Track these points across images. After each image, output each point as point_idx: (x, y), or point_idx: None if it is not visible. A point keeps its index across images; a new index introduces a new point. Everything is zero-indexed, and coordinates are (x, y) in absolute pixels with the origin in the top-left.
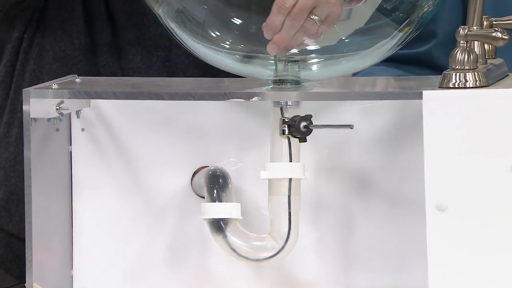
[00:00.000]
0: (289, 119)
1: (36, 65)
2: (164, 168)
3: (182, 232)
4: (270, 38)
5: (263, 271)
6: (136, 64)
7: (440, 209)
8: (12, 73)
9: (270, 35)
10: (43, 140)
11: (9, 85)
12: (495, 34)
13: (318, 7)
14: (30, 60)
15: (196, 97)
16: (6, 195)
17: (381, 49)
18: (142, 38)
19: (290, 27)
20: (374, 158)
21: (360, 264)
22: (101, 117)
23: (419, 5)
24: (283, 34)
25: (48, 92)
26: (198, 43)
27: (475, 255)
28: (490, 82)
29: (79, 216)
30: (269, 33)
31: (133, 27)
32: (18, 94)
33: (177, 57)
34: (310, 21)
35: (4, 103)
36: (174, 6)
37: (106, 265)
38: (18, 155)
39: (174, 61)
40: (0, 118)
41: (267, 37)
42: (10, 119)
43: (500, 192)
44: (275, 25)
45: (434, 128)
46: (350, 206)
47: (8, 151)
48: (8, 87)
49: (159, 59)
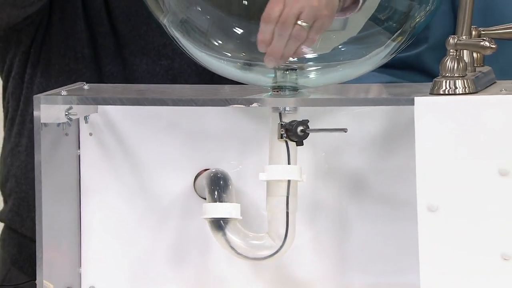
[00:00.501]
0: (287, 123)
1: (43, 78)
2: (168, 171)
3: (185, 232)
4: (264, 51)
5: (261, 269)
6: (141, 74)
7: (431, 210)
8: (22, 85)
9: (264, 48)
10: (52, 144)
11: (19, 96)
12: (483, 43)
13: (303, 13)
14: (37, 73)
15: (198, 103)
16: (18, 202)
17: (375, 58)
18: (146, 48)
19: (280, 37)
20: (368, 161)
21: (355, 263)
22: (108, 122)
23: (411, 16)
24: (275, 45)
25: (58, 98)
26: (201, 51)
27: (464, 254)
28: (479, 89)
29: (87, 217)
30: (262, 46)
31: (137, 38)
32: (28, 105)
33: (180, 66)
34: (298, 27)
35: (15, 113)
36: (178, 16)
37: (112, 263)
38: (29, 164)
39: (177, 69)
40: (11, 128)
41: (261, 51)
42: (20, 129)
43: (489, 194)
44: (266, 37)
45: (425, 132)
46: (345, 207)
47: (19, 160)
48: (18, 99)
49: (163, 68)
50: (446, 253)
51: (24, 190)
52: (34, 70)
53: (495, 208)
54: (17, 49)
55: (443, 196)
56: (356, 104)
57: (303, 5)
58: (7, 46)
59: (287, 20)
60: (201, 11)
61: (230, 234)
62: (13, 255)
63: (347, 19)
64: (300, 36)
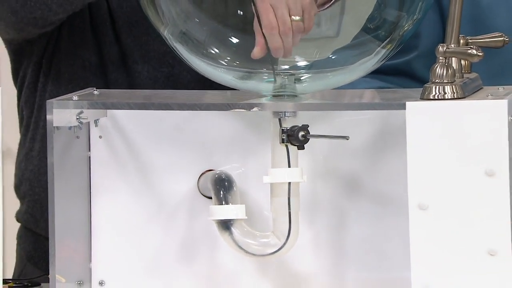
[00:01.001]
0: (288, 129)
1: (54, 86)
2: (173, 172)
3: (190, 229)
4: (280, 56)
5: (266, 265)
6: (143, 80)
7: (422, 208)
8: (35, 93)
9: (280, 53)
10: (64, 146)
11: (32, 104)
12: (470, 51)
13: (291, 9)
14: (49, 82)
15: (202, 108)
16: (32, 204)
17: (367, 64)
18: (147, 57)
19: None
20: (363, 162)
21: (351, 258)
22: (117, 125)
23: (400, 25)
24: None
25: (69, 103)
26: (200, 61)
27: (453, 250)
28: (466, 94)
29: (97, 215)
30: (278, 52)
31: (139, 47)
32: (40, 112)
33: (180, 73)
34: (295, 23)
35: (29, 120)
36: (178, 28)
37: (121, 259)
38: (41, 167)
39: (177, 76)
40: (26, 134)
41: (277, 57)
42: (34, 134)
43: (476, 193)
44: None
45: (416, 135)
46: (342, 206)
47: (33, 164)
48: (32, 106)
49: (164, 74)
50: (436, 249)
51: (37, 193)
52: (46, 79)
53: (482, 206)
54: (29, 60)
55: (433, 195)
56: (351, 109)
57: (287, 2)
58: (20, 58)
59: (285, 21)
60: (199, 23)
61: (237, 234)
62: (28, 251)
63: (340, 28)
64: (300, 28)
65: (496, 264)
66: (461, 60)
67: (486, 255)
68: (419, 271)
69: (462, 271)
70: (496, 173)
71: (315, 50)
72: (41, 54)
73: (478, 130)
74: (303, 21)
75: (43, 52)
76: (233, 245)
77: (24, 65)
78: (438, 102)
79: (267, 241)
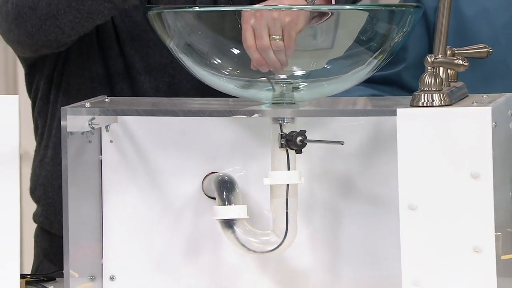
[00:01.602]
0: (287, 134)
1: (65, 97)
2: (180, 174)
3: (196, 228)
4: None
5: (266, 262)
6: (146, 90)
7: (412, 209)
8: (48, 104)
9: (265, 68)
10: (77, 151)
11: (46, 114)
12: (457, 61)
13: (271, 28)
14: (60, 93)
15: (206, 114)
16: (46, 207)
17: (359, 73)
18: (149, 68)
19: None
20: (357, 165)
21: (346, 255)
22: (127, 131)
23: (390, 37)
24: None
25: (82, 110)
26: (204, 71)
27: (441, 247)
28: (453, 101)
29: (108, 215)
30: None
31: (141, 59)
32: (53, 121)
33: (180, 82)
34: (273, 42)
35: (43, 129)
36: (183, 40)
37: (131, 255)
38: (54, 173)
39: (177, 85)
40: (40, 142)
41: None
42: (48, 142)
43: (462, 194)
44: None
45: (406, 140)
46: (337, 206)
47: (46, 170)
48: (46, 116)
49: (165, 84)
50: (425, 246)
51: (51, 197)
52: (57, 91)
53: (467, 206)
54: (41, 74)
55: (422, 196)
56: (346, 115)
57: (266, 22)
58: (34, 72)
59: (262, 40)
60: (203, 35)
61: (239, 232)
62: (44, 249)
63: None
64: (279, 47)
65: (481, 261)
66: (448, 69)
67: (472, 252)
68: (409, 267)
69: (449, 267)
70: (481, 175)
71: (311, 61)
72: (53, 68)
73: (464, 135)
74: (283, 40)
75: (54, 66)
76: (235, 242)
77: (36, 78)
78: (427, 109)
79: (267, 239)
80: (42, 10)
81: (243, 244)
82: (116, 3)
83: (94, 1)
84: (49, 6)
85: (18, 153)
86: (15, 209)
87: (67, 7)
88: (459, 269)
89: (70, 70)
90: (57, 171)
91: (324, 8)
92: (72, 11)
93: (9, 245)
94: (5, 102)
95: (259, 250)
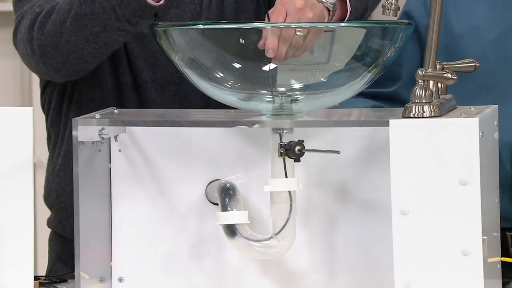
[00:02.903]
0: (286, 143)
1: (77, 107)
2: (184, 181)
3: (199, 232)
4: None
5: (267, 264)
6: (152, 97)
7: (403, 214)
8: (60, 114)
9: (271, 54)
10: (88, 159)
11: (58, 124)
12: (446, 75)
13: None
14: (72, 103)
15: (209, 125)
16: (59, 212)
17: (354, 86)
18: (155, 77)
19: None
20: (352, 173)
21: (342, 257)
22: (135, 140)
23: (383, 52)
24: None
25: (92, 120)
26: (207, 84)
27: (431, 251)
28: (443, 113)
29: (117, 220)
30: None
31: (147, 68)
32: (65, 130)
33: (185, 91)
34: (296, 37)
35: (56, 139)
36: (187, 55)
37: (138, 258)
38: (66, 179)
39: (183, 94)
40: (53, 151)
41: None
42: (60, 151)
43: (451, 200)
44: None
45: (399, 149)
46: (334, 211)
47: (59, 177)
48: (59, 126)
49: (171, 92)
50: (416, 249)
51: (63, 202)
52: (70, 101)
53: (456, 211)
54: (54, 86)
55: (413, 202)
56: (341, 126)
57: (300, 16)
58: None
59: (289, 31)
60: (206, 51)
61: (242, 237)
62: (57, 252)
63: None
64: (298, 43)
65: (469, 263)
66: (438, 83)
67: (460, 255)
68: (401, 269)
69: (439, 269)
70: (469, 182)
71: (309, 75)
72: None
73: (453, 145)
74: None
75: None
76: (238, 246)
77: (48, 89)
78: (418, 120)
79: (267, 243)
80: (63, 48)
81: (245, 247)
82: (129, 30)
83: (108, 33)
84: (68, 43)
85: (32, 162)
86: (29, 215)
87: (84, 41)
88: (448, 271)
89: (82, 82)
90: (69, 177)
91: (321, 25)
92: (90, 44)
93: (24, 248)
94: (20, 114)
95: (260, 253)
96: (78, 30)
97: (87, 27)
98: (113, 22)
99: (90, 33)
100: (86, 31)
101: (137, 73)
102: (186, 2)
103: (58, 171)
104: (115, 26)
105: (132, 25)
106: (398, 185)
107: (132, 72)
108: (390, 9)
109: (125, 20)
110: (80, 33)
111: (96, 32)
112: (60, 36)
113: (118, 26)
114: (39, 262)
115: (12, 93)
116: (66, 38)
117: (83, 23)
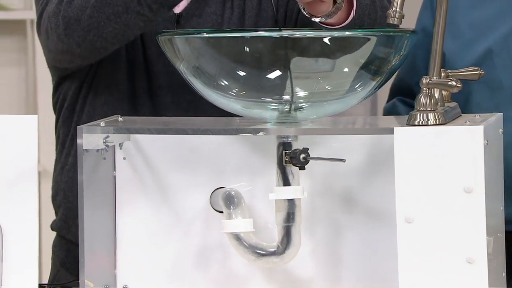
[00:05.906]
0: (291, 151)
1: (91, 107)
2: (189, 189)
3: (204, 240)
4: None
5: (272, 271)
6: (167, 104)
7: (408, 221)
8: (73, 114)
9: None
10: (93, 167)
11: (70, 123)
12: (450, 82)
13: None
14: (87, 104)
15: (214, 132)
16: (66, 211)
17: (359, 94)
18: (172, 83)
19: None
20: (357, 181)
21: (346, 265)
22: (139, 148)
23: (388, 60)
24: None
25: (97, 128)
26: (212, 92)
27: (436, 258)
28: (447, 120)
29: (121, 227)
30: None
31: (164, 74)
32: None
33: (201, 98)
34: None
35: (66, 138)
36: (192, 63)
37: (143, 266)
38: (74, 179)
39: (198, 102)
40: (62, 150)
41: None
42: (69, 150)
43: (456, 208)
44: None
45: (403, 157)
46: (338, 219)
47: (67, 176)
48: (70, 125)
49: (186, 100)
50: (421, 257)
51: (71, 201)
52: (84, 101)
53: (461, 219)
54: (71, 84)
55: (418, 209)
56: (346, 133)
57: None
58: (62, 82)
59: None
60: (210, 59)
61: (247, 244)
62: (61, 258)
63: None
64: None
65: (474, 271)
66: (442, 90)
67: (465, 263)
68: (405, 277)
69: (443, 277)
70: (473, 190)
71: (313, 83)
72: (83, 80)
73: (458, 152)
74: None
75: (85, 78)
76: (243, 254)
77: (64, 88)
78: (422, 127)
79: (272, 251)
80: (85, 22)
81: (250, 255)
82: (149, 16)
83: (129, 15)
84: (90, 18)
85: (36, 170)
86: (34, 221)
87: (106, 19)
88: (453, 279)
89: (99, 83)
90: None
91: (325, 34)
92: (111, 23)
93: (28, 256)
94: (25, 122)
95: (265, 260)
96: (101, 7)
97: (110, 5)
98: (135, 5)
99: (112, 12)
100: (108, 9)
101: (153, 78)
102: (209, 12)
103: (67, 170)
104: (136, 10)
105: (152, 11)
106: (402, 193)
107: (148, 77)
108: (394, 17)
109: (146, 5)
110: (102, 10)
111: (118, 12)
112: (84, 10)
113: (139, 10)
114: (42, 270)
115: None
116: (89, 13)
117: (107, 1)
